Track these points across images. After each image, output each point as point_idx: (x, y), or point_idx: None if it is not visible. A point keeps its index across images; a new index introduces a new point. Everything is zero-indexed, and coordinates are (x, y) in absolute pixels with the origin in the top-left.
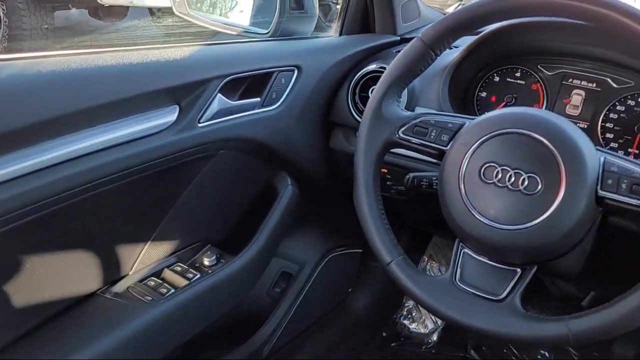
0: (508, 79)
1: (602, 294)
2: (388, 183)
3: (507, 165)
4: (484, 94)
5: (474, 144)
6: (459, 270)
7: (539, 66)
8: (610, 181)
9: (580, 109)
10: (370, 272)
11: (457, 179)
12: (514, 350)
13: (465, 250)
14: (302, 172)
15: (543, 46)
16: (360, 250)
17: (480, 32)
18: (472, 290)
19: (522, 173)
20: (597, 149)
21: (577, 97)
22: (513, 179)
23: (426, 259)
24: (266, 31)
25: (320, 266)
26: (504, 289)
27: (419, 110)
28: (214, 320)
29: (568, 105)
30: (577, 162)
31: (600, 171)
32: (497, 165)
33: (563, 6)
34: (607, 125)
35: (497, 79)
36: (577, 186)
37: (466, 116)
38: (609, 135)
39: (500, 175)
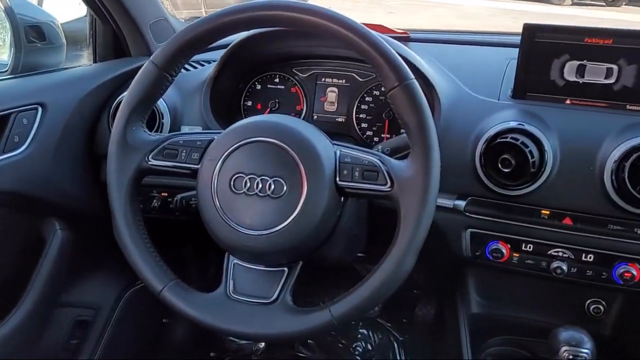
0: (269, 86)
1: None
2: (171, 206)
3: (253, 173)
4: (249, 103)
5: (220, 158)
6: (231, 282)
7: (294, 70)
8: (345, 171)
9: (336, 104)
10: None
11: (210, 195)
12: (338, 337)
13: (235, 261)
14: (74, 213)
15: (294, 51)
16: None
17: (229, 44)
18: (246, 299)
19: (268, 179)
20: (334, 144)
21: (332, 94)
22: (260, 185)
23: None
24: (4, 69)
25: (119, 305)
26: (274, 291)
27: (184, 129)
28: None
29: (326, 103)
30: (314, 160)
31: (337, 164)
32: (244, 175)
33: (261, 17)
34: (361, 116)
35: (259, 87)
36: (317, 182)
37: (215, 131)
38: (364, 125)
39: (249, 184)
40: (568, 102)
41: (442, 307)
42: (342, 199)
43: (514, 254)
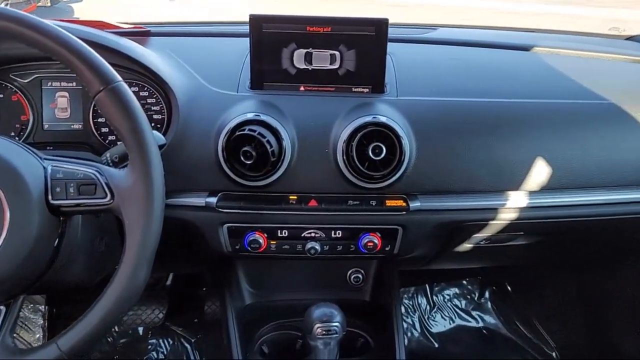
0: None
1: None
2: None
3: None
4: None
5: None
6: None
7: (11, 76)
8: (59, 189)
9: (69, 110)
10: None
11: None
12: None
13: None
14: None
15: (8, 54)
16: None
17: None
18: None
19: None
20: (45, 159)
21: (62, 100)
22: None
23: None
24: None
25: None
26: None
27: None
28: None
29: (57, 110)
30: (15, 181)
31: (48, 182)
32: None
33: None
34: (99, 120)
35: None
36: (22, 205)
37: None
38: (105, 130)
39: None
40: (302, 89)
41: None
42: (62, 218)
43: (272, 242)
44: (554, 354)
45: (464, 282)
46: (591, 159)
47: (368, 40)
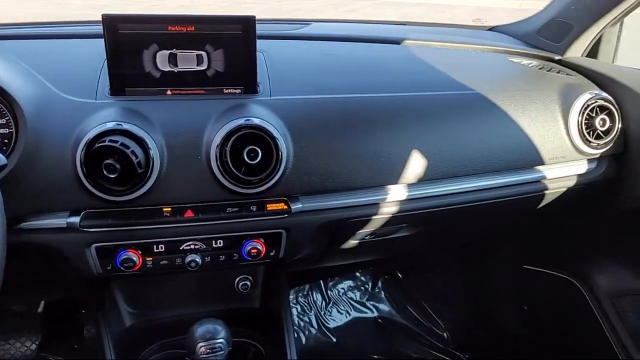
0: None
1: None
2: None
3: None
4: None
5: None
6: None
7: None
8: None
9: None
10: None
11: None
12: None
13: None
14: None
15: None
16: None
17: None
18: None
19: None
20: None
21: None
22: None
23: None
24: None
25: None
26: None
27: None
28: None
29: None
30: None
31: None
32: None
33: None
34: None
35: None
36: None
37: None
38: None
39: None
40: (169, 92)
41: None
42: None
43: (147, 259)
44: (444, 334)
45: (357, 274)
46: (463, 148)
47: (235, 38)
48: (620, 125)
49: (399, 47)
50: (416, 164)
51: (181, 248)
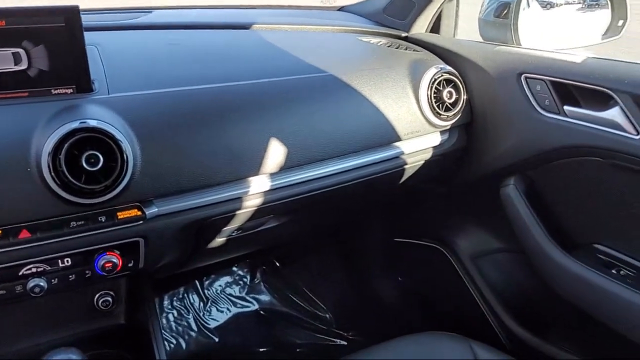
0: None
1: None
2: None
3: None
4: None
5: None
6: None
7: None
8: None
9: None
10: None
11: None
12: None
13: None
14: None
15: None
16: None
17: None
18: None
19: None
20: None
21: None
22: None
23: None
24: None
25: None
26: None
27: None
28: None
29: None
30: None
31: None
32: None
33: None
34: None
35: None
36: None
37: None
38: None
39: None
40: None
41: None
42: None
43: None
44: (327, 315)
45: (234, 268)
46: (321, 132)
47: (58, 32)
48: (465, 97)
49: (248, 32)
50: (275, 153)
51: (20, 273)
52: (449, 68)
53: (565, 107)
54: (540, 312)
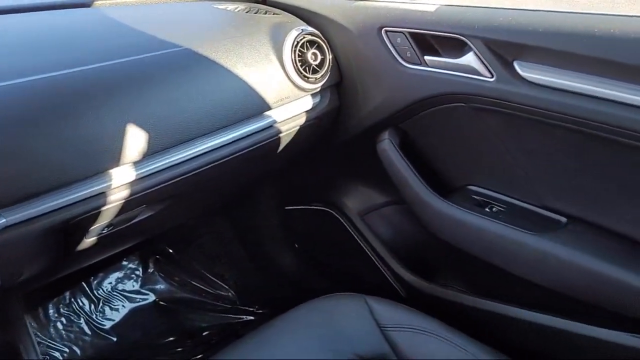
0: None
1: None
2: None
3: None
4: None
5: None
6: None
7: None
8: None
9: None
10: None
11: None
12: None
13: None
14: None
15: None
16: None
17: None
18: None
19: None
20: None
21: None
22: None
23: None
24: None
25: None
26: None
27: None
28: None
29: None
30: None
31: None
32: None
33: None
34: None
35: None
36: None
37: None
38: None
39: None
40: None
41: None
42: None
43: None
44: (229, 294)
45: (124, 262)
46: (185, 110)
47: None
48: (331, 56)
49: (89, 10)
50: (134, 139)
51: None
52: (310, 29)
53: (426, 57)
54: (428, 258)
